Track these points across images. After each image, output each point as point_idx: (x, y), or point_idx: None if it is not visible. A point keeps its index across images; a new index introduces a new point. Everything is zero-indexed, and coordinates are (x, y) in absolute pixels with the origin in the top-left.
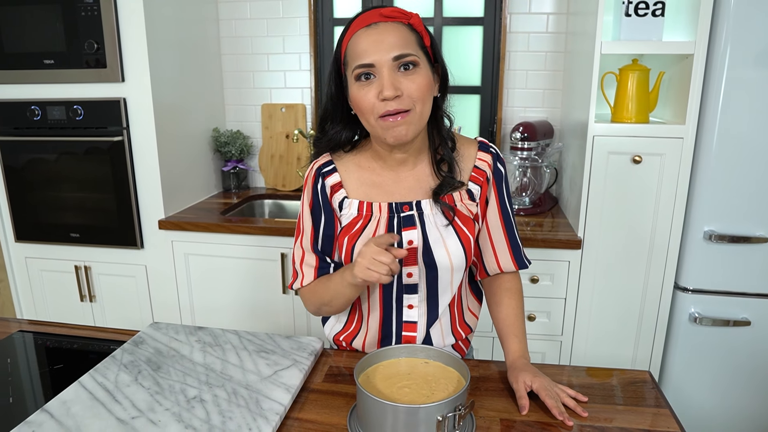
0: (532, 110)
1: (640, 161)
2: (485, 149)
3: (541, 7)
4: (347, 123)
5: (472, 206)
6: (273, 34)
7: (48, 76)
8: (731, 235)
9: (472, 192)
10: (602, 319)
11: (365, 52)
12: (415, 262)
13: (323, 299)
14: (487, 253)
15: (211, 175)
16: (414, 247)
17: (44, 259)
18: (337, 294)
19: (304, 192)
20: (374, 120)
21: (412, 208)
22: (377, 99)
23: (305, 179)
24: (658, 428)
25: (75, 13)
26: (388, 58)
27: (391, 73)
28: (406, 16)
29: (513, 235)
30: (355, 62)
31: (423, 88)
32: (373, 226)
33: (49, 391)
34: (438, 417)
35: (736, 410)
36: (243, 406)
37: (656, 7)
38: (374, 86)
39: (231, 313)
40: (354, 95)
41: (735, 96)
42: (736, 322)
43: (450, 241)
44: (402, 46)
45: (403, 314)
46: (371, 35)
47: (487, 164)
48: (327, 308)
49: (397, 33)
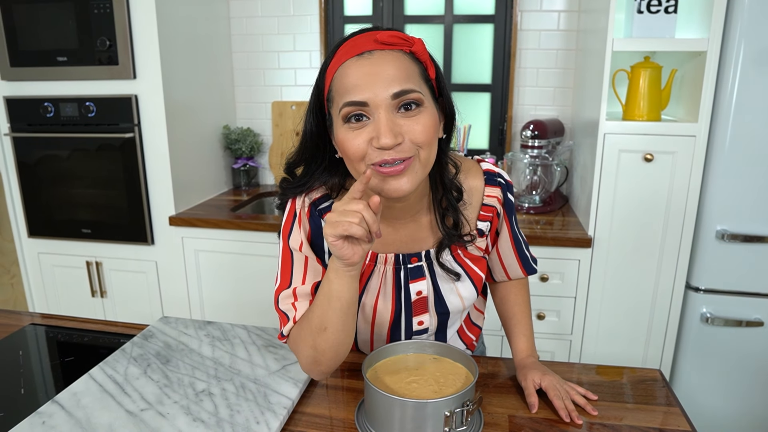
0: (543, 108)
1: (651, 159)
2: (493, 182)
3: (553, 5)
4: (333, 168)
5: (481, 243)
6: (284, 32)
7: (61, 73)
8: (744, 234)
9: (482, 230)
10: (612, 319)
11: (356, 87)
12: (426, 310)
13: (314, 323)
14: (497, 268)
15: (221, 172)
16: (424, 296)
17: (56, 254)
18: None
19: (292, 228)
20: (365, 168)
21: (421, 259)
22: (369, 145)
23: (291, 212)
24: (669, 427)
25: (88, 11)
26: (385, 96)
27: (389, 116)
28: (408, 42)
29: (522, 249)
30: (343, 99)
31: (429, 131)
32: (379, 277)
33: (60, 383)
34: (446, 412)
35: (747, 411)
36: (251, 399)
37: (669, 3)
38: (367, 131)
39: (240, 309)
40: (340, 139)
41: (748, 94)
42: (748, 323)
43: (463, 287)
44: (403, 80)
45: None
46: (364, 66)
47: (496, 199)
48: (323, 338)
49: (397, 64)
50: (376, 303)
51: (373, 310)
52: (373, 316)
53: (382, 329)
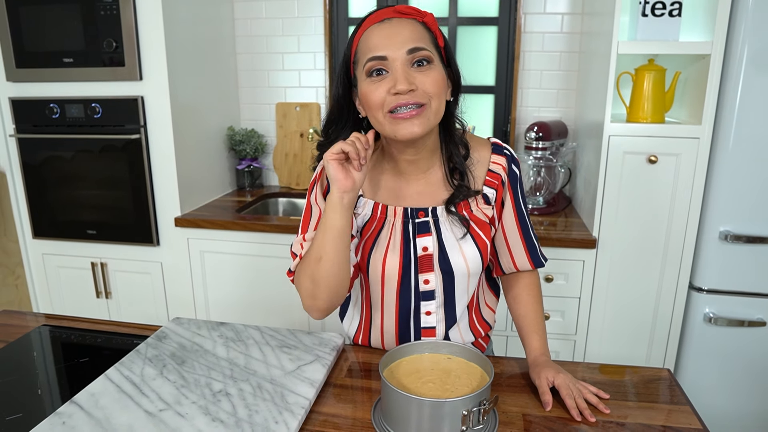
0: (546, 110)
1: (655, 161)
2: (499, 152)
3: (556, 8)
4: (354, 127)
5: (487, 210)
6: (288, 34)
7: (67, 75)
8: (747, 235)
9: (488, 196)
10: (616, 319)
11: (377, 46)
12: (432, 268)
13: (311, 255)
14: (503, 254)
15: (225, 173)
16: (430, 253)
17: (61, 255)
18: (321, 230)
19: (316, 184)
20: (383, 116)
21: (428, 215)
22: (388, 94)
23: (316, 174)
24: (680, 424)
25: (94, 12)
26: (401, 52)
27: (405, 68)
28: (421, 14)
29: (528, 235)
30: (366, 56)
31: (438, 83)
32: (388, 231)
33: (76, 384)
34: (463, 411)
35: (749, 410)
36: (268, 399)
37: (673, 7)
38: (386, 81)
39: (246, 309)
40: (364, 91)
41: (752, 96)
42: (751, 323)
43: (467, 247)
44: (416, 40)
45: (420, 321)
46: (384, 29)
47: (501, 167)
48: (319, 268)
49: (412, 28)
50: (384, 259)
51: (382, 266)
52: (382, 273)
53: (391, 288)
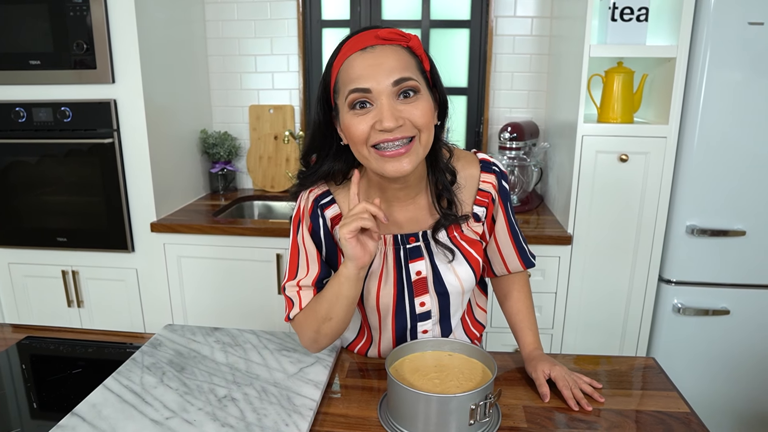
0: (518, 111)
1: (626, 160)
2: (488, 169)
3: (526, 11)
4: (338, 156)
5: (477, 227)
6: (261, 36)
7: (34, 77)
8: (712, 228)
9: (478, 215)
10: (591, 312)
11: (360, 77)
12: (426, 290)
13: (320, 314)
14: (496, 262)
15: (198, 177)
16: (423, 277)
17: (29, 264)
18: (334, 297)
19: (300, 221)
20: (367, 151)
21: (419, 239)
22: (372, 129)
23: (298, 208)
24: (670, 409)
25: (63, 13)
26: (387, 84)
27: (391, 102)
28: (405, 38)
29: (519, 241)
30: (348, 87)
31: (427, 114)
32: (380, 259)
33: (73, 396)
34: (471, 405)
35: (717, 396)
36: (275, 403)
37: (640, 12)
38: (370, 116)
39: (225, 314)
40: (346, 123)
41: (715, 97)
42: (715, 312)
43: (459, 268)
44: (401, 69)
45: (417, 338)
46: (367, 59)
47: (491, 185)
48: (327, 325)
49: (396, 56)
50: (378, 287)
51: (376, 296)
52: (377, 302)
53: (387, 314)
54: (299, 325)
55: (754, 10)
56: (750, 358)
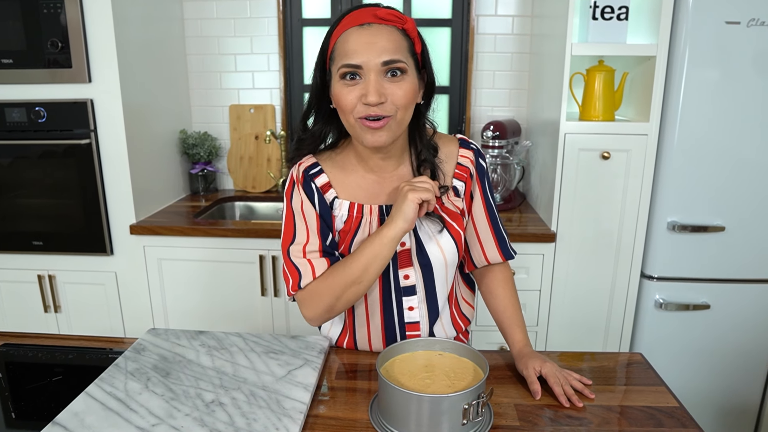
0: (499, 109)
1: (608, 157)
2: (466, 146)
3: (507, 10)
4: (328, 118)
5: (458, 202)
6: (240, 35)
7: (6, 76)
8: (693, 224)
9: (457, 188)
10: (575, 309)
11: (354, 52)
12: (410, 263)
13: (350, 277)
14: (474, 247)
15: (178, 178)
16: (407, 248)
17: (3, 269)
18: (372, 257)
19: (293, 191)
20: (353, 119)
21: None
22: (359, 101)
23: (291, 179)
24: (659, 403)
25: (36, 10)
26: (377, 62)
27: (378, 78)
28: (401, 20)
29: (498, 227)
30: (342, 60)
31: (408, 96)
32: (365, 229)
33: (54, 404)
34: (464, 405)
35: (699, 389)
36: (265, 407)
37: (621, 11)
38: (358, 88)
39: (206, 317)
40: (336, 92)
41: (694, 95)
42: (696, 306)
43: (442, 239)
44: (393, 51)
45: (404, 316)
46: (363, 36)
47: (469, 160)
48: (352, 290)
49: (390, 37)
50: None
51: None
52: None
53: (373, 286)
54: (311, 294)
55: (731, 9)
56: (730, 352)
